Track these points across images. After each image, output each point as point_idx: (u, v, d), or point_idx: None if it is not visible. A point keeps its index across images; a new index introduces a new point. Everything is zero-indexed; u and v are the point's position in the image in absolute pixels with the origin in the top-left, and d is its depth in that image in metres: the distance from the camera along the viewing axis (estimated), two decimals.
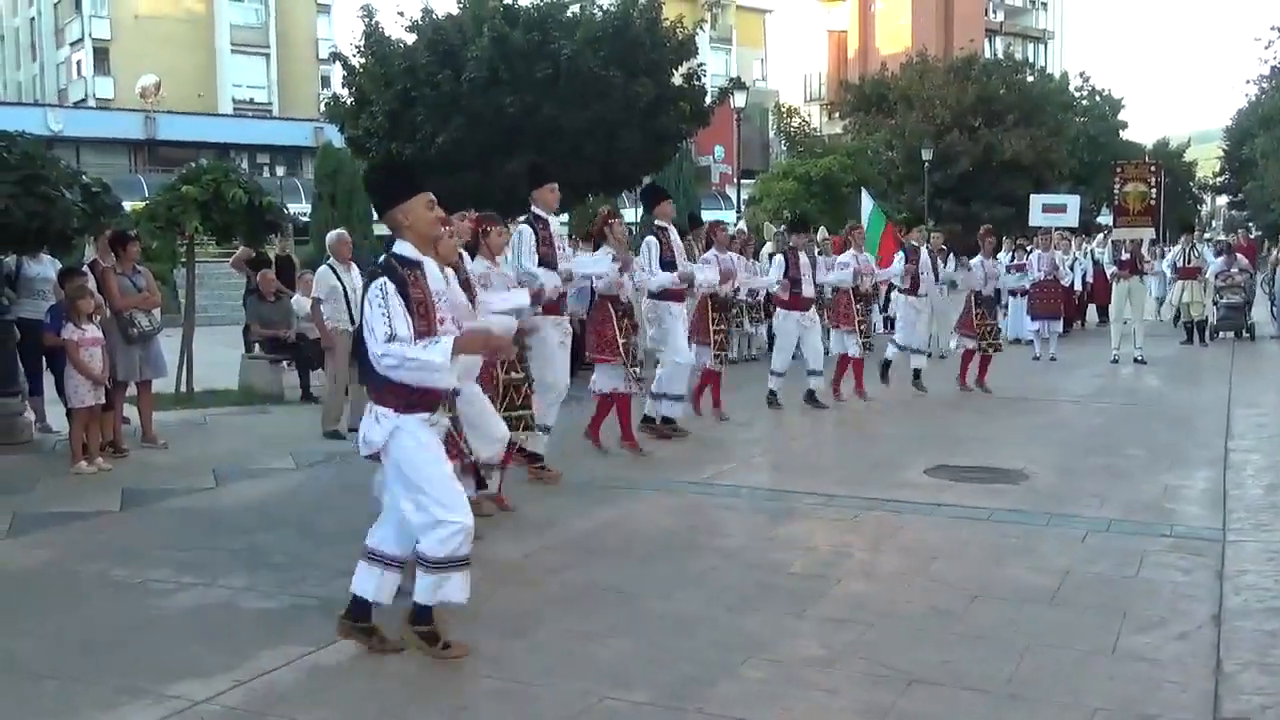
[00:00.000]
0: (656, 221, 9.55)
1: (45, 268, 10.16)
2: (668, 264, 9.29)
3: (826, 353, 12.00)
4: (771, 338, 13.21)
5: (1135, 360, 15.42)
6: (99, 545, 6.59)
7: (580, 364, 9.82)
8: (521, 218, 8.21)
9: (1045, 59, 67.61)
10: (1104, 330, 17.57)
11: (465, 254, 6.64)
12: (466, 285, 6.09)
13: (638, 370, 8.86)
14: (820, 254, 13.03)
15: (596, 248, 8.84)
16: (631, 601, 5.37)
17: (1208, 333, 18.33)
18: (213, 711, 4.17)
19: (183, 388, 11.82)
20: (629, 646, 4.76)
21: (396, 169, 5.01)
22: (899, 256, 12.23)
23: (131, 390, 9.68)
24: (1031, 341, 16.87)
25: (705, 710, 4.12)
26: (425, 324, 4.52)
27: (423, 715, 4.15)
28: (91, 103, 48.82)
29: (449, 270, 5.42)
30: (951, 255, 19.90)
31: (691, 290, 9.89)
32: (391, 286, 4.44)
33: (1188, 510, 7.19)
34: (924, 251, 12.69)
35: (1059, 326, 16.92)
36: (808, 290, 11.15)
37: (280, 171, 44.98)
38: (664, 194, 9.93)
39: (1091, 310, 21.43)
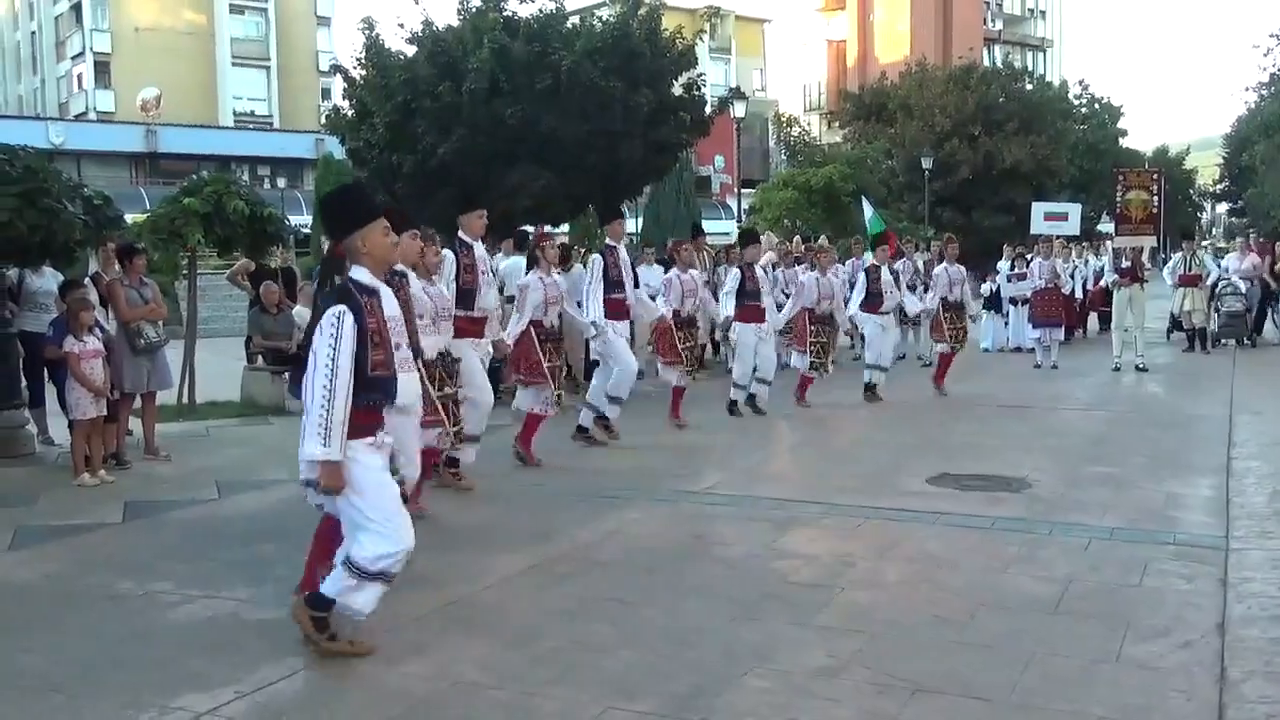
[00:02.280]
0: (607, 241, 9.98)
1: (47, 280, 10.18)
2: (614, 283, 9.70)
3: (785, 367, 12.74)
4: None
5: (1137, 368, 15.42)
6: (101, 558, 6.59)
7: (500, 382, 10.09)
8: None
9: (1044, 67, 67.80)
10: (1105, 338, 17.56)
11: (410, 274, 6.76)
12: (406, 305, 6.15)
13: (560, 395, 8.99)
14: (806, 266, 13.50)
15: (529, 268, 9.16)
16: (634, 612, 5.37)
17: (1209, 340, 18.32)
18: None
19: (185, 400, 11.82)
20: (632, 657, 4.76)
21: (355, 194, 5.00)
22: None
23: (136, 403, 9.70)
24: (1033, 349, 16.87)
25: None
26: (381, 353, 4.57)
27: None
28: (92, 116, 48.95)
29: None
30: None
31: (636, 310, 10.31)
32: (350, 318, 4.45)
33: (1191, 518, 7.18)
34: (884, 270, 12.95)
35: (1060, 334, 16.92)
36: (764, 301, 11.44)
37: (281, 183, 44.99)
38: (618, 214, 10.36)
39: (1093, 318, 21.43)
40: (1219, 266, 19.30)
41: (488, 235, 8.96)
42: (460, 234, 8.04)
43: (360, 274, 4.63)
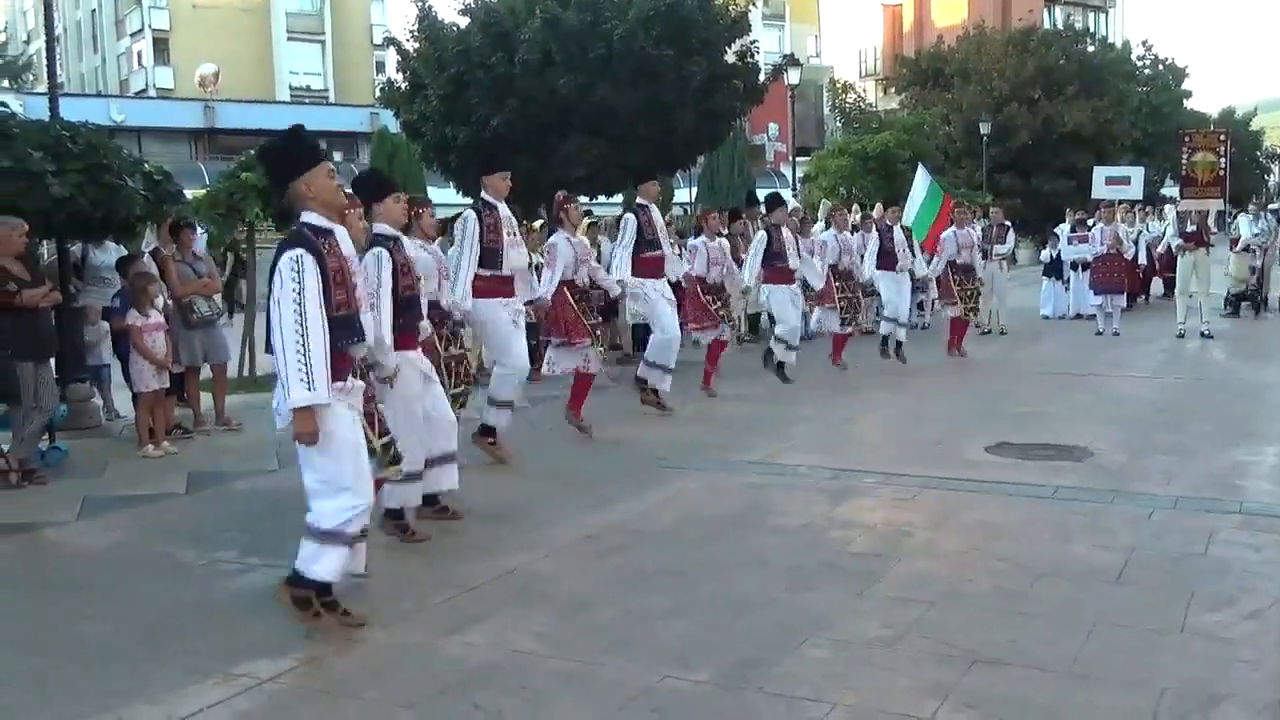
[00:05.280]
0: (639, 200, 9.96)
1: (110, 255, 10.33)
2: (649, 241, 9.64)
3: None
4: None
5: (1202, 334, 15.12)
6: (165, 527, 6.71)
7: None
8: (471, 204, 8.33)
9: (1106, 28, 66.18)
10: (1169, 304, 17.22)
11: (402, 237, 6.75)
12: (406, 270, 6.11)
13: (601, 350, 9.03)
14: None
15: (553, 231, 9.14)
16: (690, 581, 5.36)
17: (1262, 305, 17.95)
18: (279, 690, 4.23)
19: (245, 372, 11.98)
20: (689, 627, 4.75)
21: (294, 139, 4.83)
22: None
23: (205, 372, 9.88)
24: (1094, 316, 16.59)
25: (766, 690, 4.11)
26: (343, 292, 4.54)
27: (483, 694, 4.16)
28: (152, 93, 49.48)
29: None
30: (1012, 230, 19.65)
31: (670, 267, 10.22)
32: (309, 259, 4.39)
33: (1258, 486, 7.04)
34: (897, 230, 13.31)
35: (1122, 301, 16.61)
36: (792, 263, 11.48)
37: (337, 157, 45.16)
38: (650, 175, 10.47)
39: (1156, 283, 21.01)
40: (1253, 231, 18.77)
41: (539, 205, 8.99)
42: (484, 195, 8.04)
43: (311, 217, 4.59)
